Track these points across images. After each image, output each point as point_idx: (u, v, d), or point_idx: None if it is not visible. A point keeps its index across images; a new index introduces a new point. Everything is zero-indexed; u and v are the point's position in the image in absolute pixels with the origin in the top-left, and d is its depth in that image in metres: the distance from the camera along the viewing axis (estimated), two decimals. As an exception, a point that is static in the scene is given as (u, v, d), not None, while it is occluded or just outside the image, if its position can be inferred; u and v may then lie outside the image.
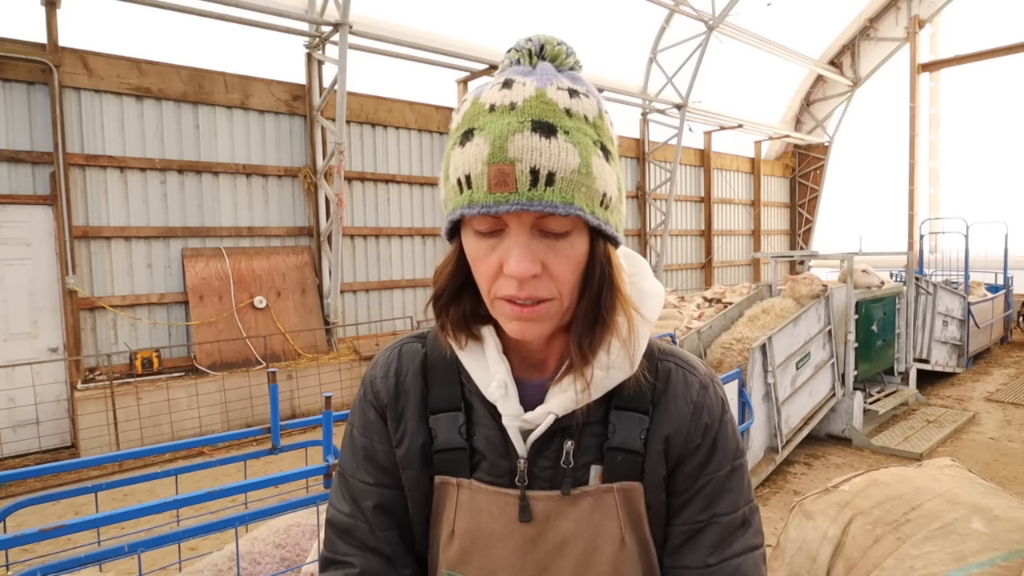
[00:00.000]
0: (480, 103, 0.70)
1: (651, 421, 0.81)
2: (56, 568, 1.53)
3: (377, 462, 0.86)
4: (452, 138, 0.72)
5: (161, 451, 2.64)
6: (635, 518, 0.81)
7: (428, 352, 0.87)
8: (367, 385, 0.89)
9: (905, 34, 14.74)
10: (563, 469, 0.79)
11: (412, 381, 0.86)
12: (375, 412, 0.87)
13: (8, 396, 6.11)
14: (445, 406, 0.83)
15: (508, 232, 0.69)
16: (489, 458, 0.81)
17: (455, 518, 0.81)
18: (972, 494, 2.07)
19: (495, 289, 0.72)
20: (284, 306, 7.91)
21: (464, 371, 0.83)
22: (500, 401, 0.78)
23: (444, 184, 0.73)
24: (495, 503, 0.80)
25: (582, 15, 10.84)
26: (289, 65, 8.17)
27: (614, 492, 0.79)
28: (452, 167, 0.70)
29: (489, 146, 0.66)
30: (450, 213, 0.73)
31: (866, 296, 6.38)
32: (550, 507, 0.79)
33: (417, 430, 0.84)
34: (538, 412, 0.78)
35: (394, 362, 0.88)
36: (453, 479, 0.81)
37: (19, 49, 6.26)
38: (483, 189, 0.67)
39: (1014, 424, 6.44)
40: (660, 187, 13.29)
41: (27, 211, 6.37)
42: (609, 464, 0.80)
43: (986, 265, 12.13)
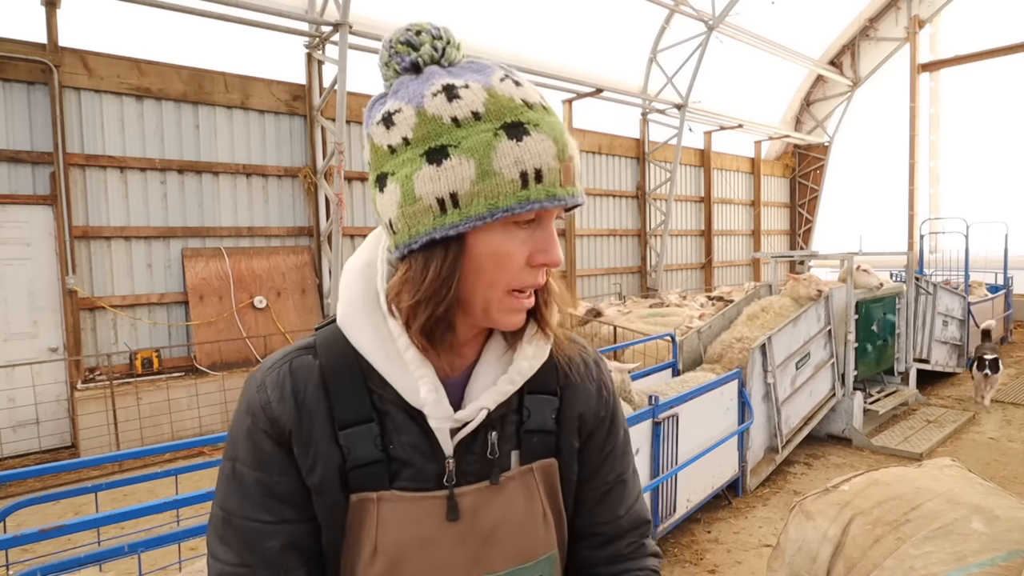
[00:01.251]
0: (506, 96, 0.71)
1: (561, 401, 0.86)
2: (56, 568, 1.53)
3: (278, 496, 0.77)
4: (476, 127, 0.69)
5: (161, 451, 2.64)
6: (551, 492, 0.85)
7: (323, 364, 0.79)
8: (256, 412, 0.78)
9: (905, 34, 14.74)
10: (489, 460, 0.80)
11: (314, 397, 0.78)
12: (271, 441, 0.77)
13: (8, 396, 6.11)
14: (355, 419, 0.77)
15: (542, 225, 0.74)
16: (415, 464, 0.78)
17: (376, 533, 0.77)
18: (972, 494, 2.07)
19: (517, 281, 0.74)
20: (284, 306, 7.91)
21: (375, 378, 0.78)
22: (432, 405, 0.75)
23: (481, 179, 0.69)
24: (421, 509, 0.77)
25: (582, 15, 10.84)
26: (289, 65, 8.18)
27: (534, 471, 0.83)
28: (505, 160, 0.69)
29: (554, 143, 0.71)
30: (511, 208, 0.69)
31: (866, 296, 6.38)
32: (478, 499, 0.79)
33: (329, 451, 0.77)
34: (470, 409, 0.77)
35: (287, 380, 0.78)
36: (373, 494, 0.77)
37: (19, 49, 6.26)
38: (557, 183, 0.71)
39: (1014, 424, 6.44)
40: (660, 187, 13.29)
41: (27, 211, 6.37)
42: (527, 446, 0.83)
43: (986, 265, 12.12)
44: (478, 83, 0.71)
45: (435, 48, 0.74)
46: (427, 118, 0.70)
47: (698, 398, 4.15)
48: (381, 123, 0.74)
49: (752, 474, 4.91)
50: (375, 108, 0.76)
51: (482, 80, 0.72)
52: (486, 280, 0.73)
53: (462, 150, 0.69)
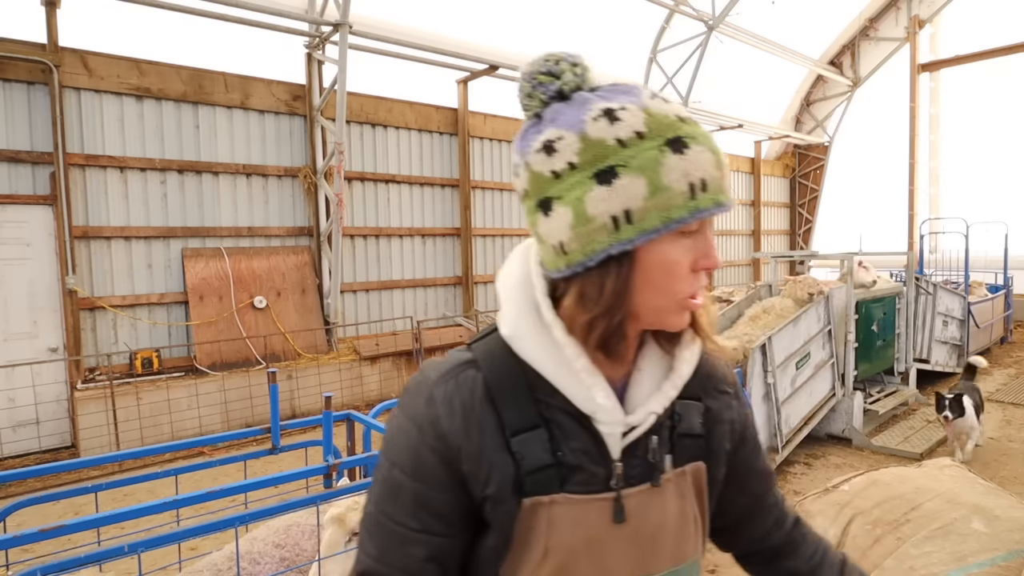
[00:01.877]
0: (661, 113, 0.75)
1: (706, 405, 0.91)
2: (56, 568, 1.53)
3: (431, 509, 0.80)
4: (640, 146, 0.73)
5: (161, 451, 2.65)
6: (700, 495, 0.90)
7: (487, 376, 0.82)
8: (424, 426, 0.80)
9: (905, 34, 14.73)
10: (651, 464, 0.84)
11: (482, 410, 0.80)
12: (436, 457, 0.79)
13: (8, 396, 6.11)
14: (525, 425, 0.80)
15: (702, 232, 0.77)
16: (586, 469, 0.80)
17: (548, 535, 0.79)
18: (972, 494, 2.07)
19: (685, 288, 0.78)
20: (284, 306, 7.91)
21: (542, 387, 0.80)
22: (607, 411, 0.79)
23: (653, 195, 0.72)
24: (590, 511, 0.81)
25: (582, 15, 10.84)
26: (289, 65, 8.18)
27: (687, 474, 0.87)
28: (674, 174, 0.72)
29: (712, 154, 0.74)
30: (682, 218, 0.73)
31: (866, 296, 6.38)
32: (640, 502, 0.83)
33: (503, 460, 0.79)
34: (639, 413, 0.81)
35: (455, 395, 0.80)
36: (545, 498, 0.79)
37: (19, 49, 6.26)
38: (720, 191, 0.75)
39: (1014, 424, 6.44)
40: (660, 187, 13.26)
41: (27, 211, 6.37)
42: (679, 450, 0.87)
43: (986, 265, 12.12)
44: (634, 104, 0.74)
45: (576, 75, 0.78)
46: (591, 142, 0.73)
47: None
48: (541, 151, 0.76)
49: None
50: (530, 137, 0.78)
51: (636, 101, 0.75)
52: (657, 289, 0.77)
53: (631, 168, 0.72)
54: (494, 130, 10.50)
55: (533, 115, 0.79)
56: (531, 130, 0.79)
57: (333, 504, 2.17)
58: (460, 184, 10.01)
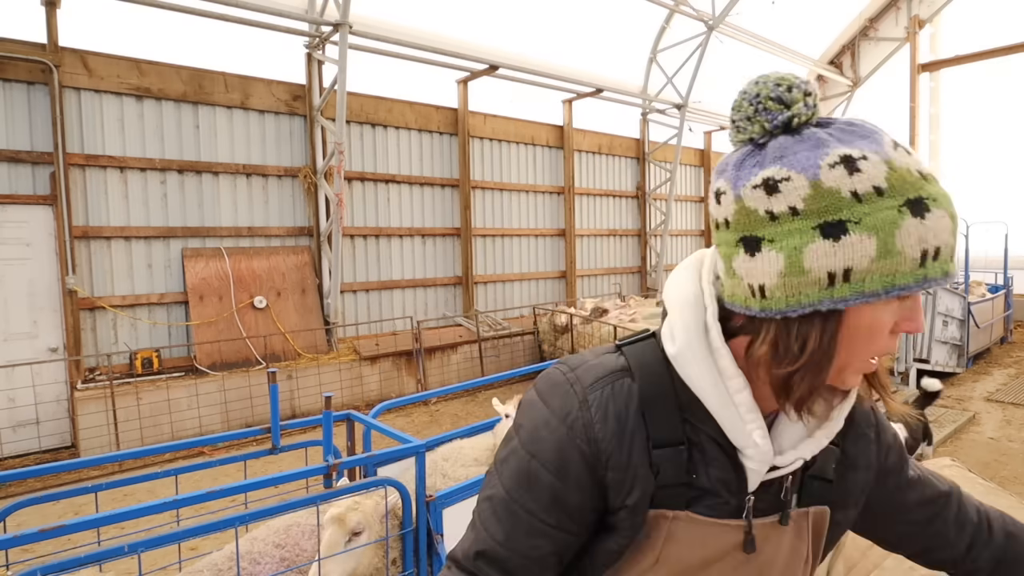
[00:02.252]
0: (905, 168, 0.67)
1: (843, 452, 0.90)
2: (56, 568, 1.53)
3: (564, 506, 0.81)
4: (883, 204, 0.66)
5: (161, 451, 2.64)
6: (817, 538, 0.89)
7: (641, 387, 0.81)
8: (577, 427, 0.80)
9: (905, 34, 14.74)
10: (781, 501, 0.84)
11: (635, 422, 0.80)
12: (582, 459, 0.79)
13: (8, 396, 6.11)
14: (668, 441, 0.80)
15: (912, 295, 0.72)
16: (720, 496, 0.81)
17: (662, 547, 0.81)
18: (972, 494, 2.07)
19: (881, 348, 0.73)
20: (284, 306, 7.91)
21: (695, 409, 0.80)
22: (759, 449, 0.78)
23: (883, 256, 0.66)
24: (714, 534, 0.81)
25: (582, 15, 10.84)
26: (289, 65, 8.18)
27: (808, 516, 0.87)
28: (910, 239, 0.65)
29: (951, 220, 0.67)
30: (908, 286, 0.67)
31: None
32: (763, 535, 0.84)
33: (647, 475, 0.80)
34: (788, 456, 0.81)
35: (609, 402, 0.80)
36: (669, 512, 0.80)
37: (19, 49, 6.26)
38: (950, 260, 0.68)
39: (1014, 424, 6.44)
40: (660, 187, 13.29)
41: (27, 211, 6.37)
42: (807, 490, 0.87)
43: (986, 265, 12.12)
44: (876, 155, 0.67)
45: (807, 106, 0.72)
46: (823, 191, 0.67)
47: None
48: (761, 187, 0.70)
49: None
50: (748, 168, 0.72)
51: (879, 151, 0.68)
52: (856, 349, 0.72)
53: (864, 227, 0.66)
54: (494, 130, 10.50)
55: (748, 140, 0.75)
56: (749, 160, 0.73)
57: (333, 504, 2.17)
58: (460, 184, 10.01)
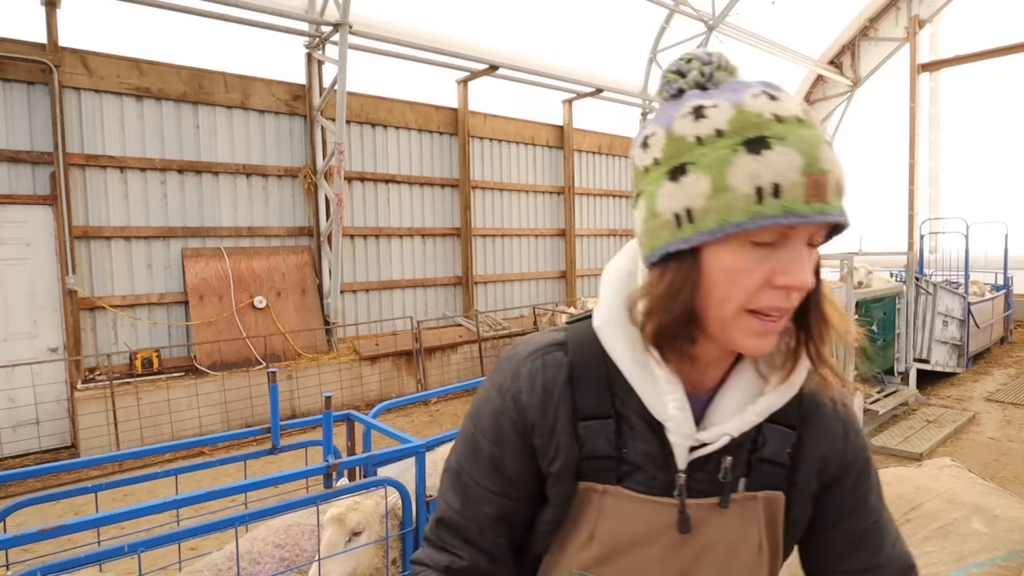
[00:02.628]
0: (754, 111, 0.69)
1: (801, 438, 0.85)
2: (56, 568, 1.53)
3: (503, 474, 0.85)
4: (717, 144, 0.69)
5: (161, 451, 2.64)
6: (772, 525, 0.84)
7: (573, 361, 0.84)
8: (507, 398, 0.84)
9: (905, 34, 14.73)
10: (719, 483, 0.81)
11: (561, 393, 0.83)
12: (513, 427, 0.84)
13: (8, 396, 6.11)
14: (594, 414, 0.82)
15: (787, 243, 0.70)
16: (647, 471, 0.81)
17: (596, 522, 0.82)
18: (972, 494, 2.07)
19: (753, 301, 0.71)
20: (284, 306, 7.91)
21: (619, 383, 0.81)
22: (677, 422, 0.78)
23: (716, 194, 0.68)
24: (646, 511, 0.81)
25: (582, 15, 10.84)
26: (289, 65, 8.17)
27: (758, 500, 0.83)
28: (741, 175, 0.67)
29: (801, 156, 0.67)
30: (741, 223, 0.67)
31: (866, 296, 6.38)
32: (701, 515, 0.81)
33: (571, 443, 0.82)
34: (712, 433, 0.79)
35: (539, 374, 0.84)
36: (599, 486, 0.82)
37: (19, 49, 6.26)
38: (799, 199, 0.67)
39: (1014, 424, 6.44)
40: (660, 187, 13.27)
41: (27, 211, 6.37)
42: (756, 474, 0.83)
43: (986, 265, 12.11)
44: (728, 102, 0.70)
45: (702, 74, 0.75)
46: (673, 138, 0.72)
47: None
48: (640, 146, 0.77)
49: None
50: (640, 132, 0.79)
51: (734, 99, 0.71)
52: (719, 296, 0.72)
53: (699, 167, 0.69)
54: (494, 130, 10.50)
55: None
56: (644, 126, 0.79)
57: (333, 504, 2.17)
58: (460, 184, 10.01)
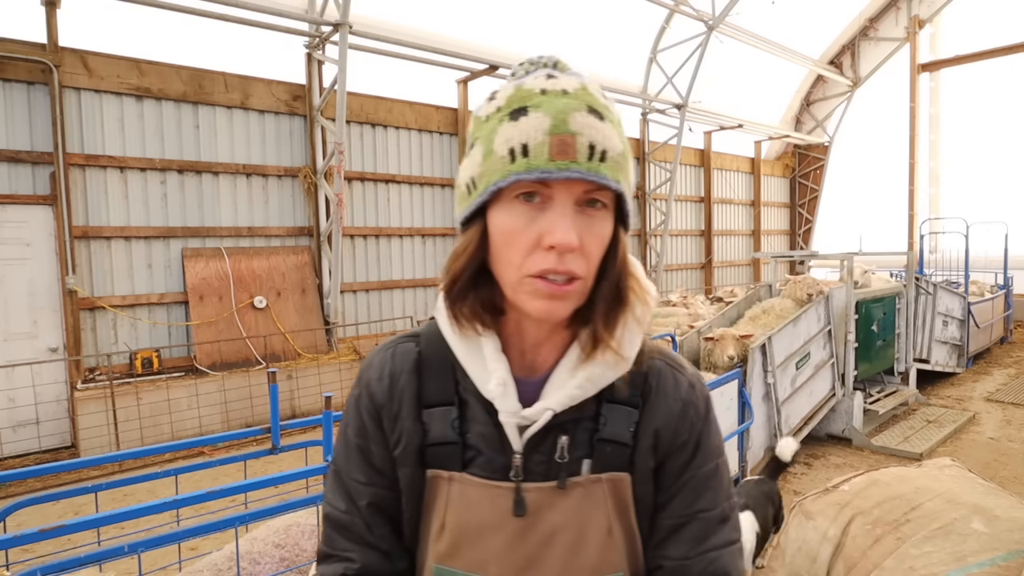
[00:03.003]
0: (528, 88, 0.74)
1: (641, 415, 0.84)
2: (56, 568, 1.53)
3: (371, 463, 0.87)
4: (495, 117, 0.75)
5: (161, 451, 2.64)
6: (622, 508, 0.83)
7: (423, 350, 0.88)
8: (363, 387, 0.89)
9: (905, 34, 14.74)
10: (557, 463, 0.81)
11: (407, 380, 0.86)
12: (369, 415, 0.87)
13: (8, 396, 6.11)
14: (437, 400, 0.84)
15: (552, 204, 0.72)
16: (485, 454, 0.82)
17: (445, 511, 0.82)
18: (972, 494, 2.07)
19: (528, 264, 0.73)
20: (284, 306, 7.90)
21: (460, 368, 0.84)
22: (499, 398, 0.79)
23: (485, 160, 0.74)
24: (487, 496, 0.81)
25: (582, 15, 10.84)
26: (289, 65, 8.17)
27: (603, 482, 0.82)
28: (501, 140, 0.72)
29: (551, 119, 0.70)
30: (496, 183, 0.72)
31: (866, 296, 6.38)
32: (542, 498, 0.80)
33: (414, 428, 0.84)
34: (535, 408, 0.79)
35: (388, 363, 0.88)
36: (445, 473, 0.83)
37: (19, 49, 6.26)
38: (544, 156, 0.70)
39: (1014, 424, 6.44)
40: (660, 187, 13.28)
41: (27, 211, 6.37)
42: (599, 455, 0.82)
43: (986, 265, 12.12)
44: (514, 83, 0.76)
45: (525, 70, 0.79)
46: (476, 121, 0.79)
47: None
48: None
49: (752, 474, 4.91)
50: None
51: (521, 80, 0.76)
52: (502, 259, 0.76)
53: (479, 139, 0.76)
54: (494, 130, 10.49)
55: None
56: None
57: (333, 504, 2.16)
58: (460, 184, 10.00)
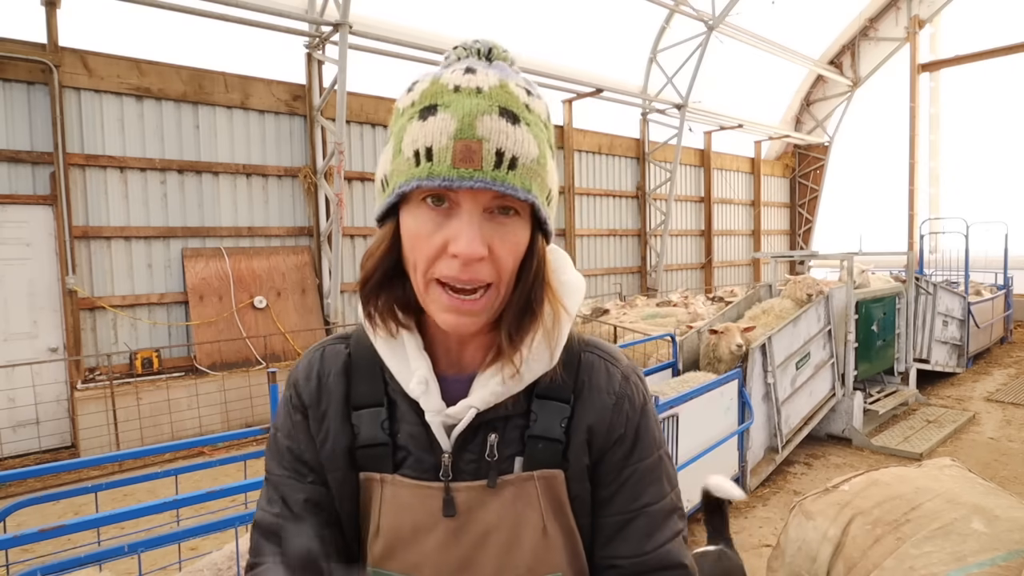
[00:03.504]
0: (442, 83, 0.70)
1: (573, 410, 0.82)
2: (56, 568, 1.53)
3: (304, 461, 0.85)
4: (407, 113, 0.72)
5: (161, 451, 2.64)
6: (557, 506, 0.80)
7: (352, 352, 0.86)
8: (291, 388, 0.87)
9: (905, 34, 14.74)
10: (487, 462, 0.79)
11: (335, 381, 0.84)
12: (299, 414, 0.85)
13: (8, 396, 6.11)
14: (367, 402, 0.83)
15: (459, 211, 0.69)
16: (414, 454, 0.80)
17: (380, 514, 0.81)
18: (972, 494, 2.07)
19: (433, 270, 0.70)
20: (284, 306, 7.90)
21: (387, 368, 0.82)
22: (421, 397, 0.78)
23: (394, 158, 0.71)
24: (418, 497, 0.79)
25: (582, 15, 10.84)
26: (289, 65, 8.17)
27: (535, 480, 0.79)
28: (408, 140, 0.69)
29: (457, 122, 0.67)
30: (401, 186, 0.70)
31: (866, 296, 6.38)
32: (472, 498, 0.78)
33: (341, 429, 0.83)
34: (459, 407, 0.77)
35: (316, 364, 0.87)
36: (377, 475, 0.81)
37: (19, 49, 6.26)
38: (446, 162, 0.66)
39: (1014, 424, 6.44)
40: (660, 187, 13.29)
41: (27, 211, 6.37)
42: (530, 452, 0.80)
43: (986, 265, 12.12)
44: (431, 76, 0.73)
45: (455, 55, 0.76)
46: (394, 111, 0.76)
47: (698, 398, 4.15)
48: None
49: (752, 474, 4.91)
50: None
51: (437, 72, 0.73)
52: (411, 261, 0.73)
53: (391, 136, 0.74)
54: (494, 130, 10.49)
55: None
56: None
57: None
58: (460, 184, 10.00)
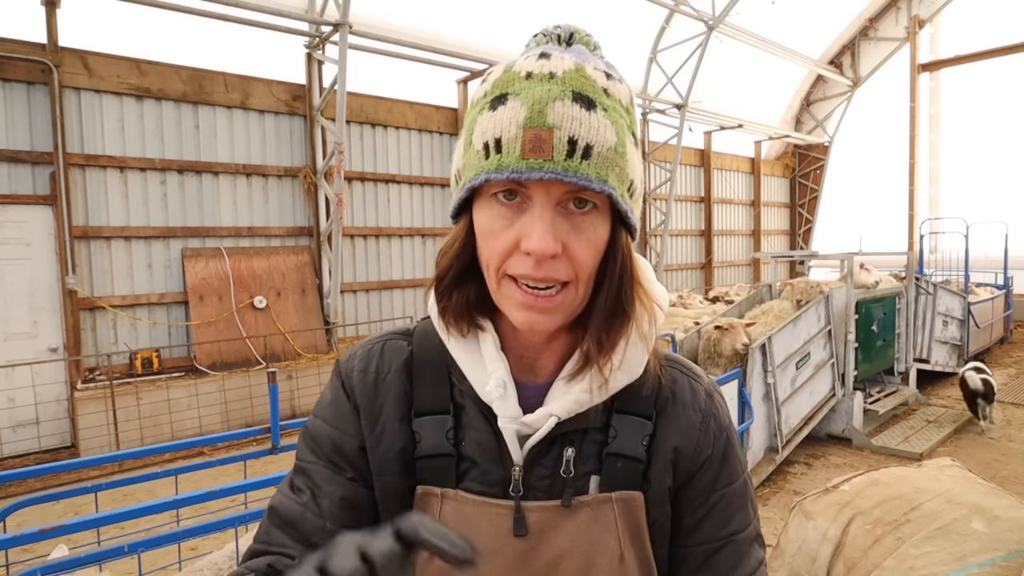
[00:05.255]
0: (515, 70, 0.66)
1: (655, 428, 0.76)
2: (56, 568, 1.53)
3: (346, 454, 0.77)
4: (479, 104, 0.68)
5: (161, 451, 2.65)
6: (635, 532, 0.74)
7: (415, 350, 0.80)
8: (343, 377, 0.81)
9: (905, 34, 14.74)
10: (563, 479, 0.73)
11: (394, 379, 0.78)
12: (349, 405, 0.79)
13: (8, 396, 6.11)
14: (431, 408, 0.76)
15: (530, 205, 0.65)
16: (481, 465, 0.74)
17: None
18: (972, 494, 2.07)
19: (507, 266, 0.66)
20: (284, 306, 7.90)
21: (456, 370, 0.76)
22: (498, 401, 0.72)
23: (465, 151, 0.68)
24: (485, 515, 0.73)
25: (582, 15, 10.83)
26: (289, 65, 8.17)
27: (612, 502, 0.73)
28: (479, 131, 0.65)
29: (526, 110, 0.62)
30: (471, 180, 0.66)
31: (866, 296, 6.38)
32: (545, 519, 0.72)
33: (397, 433, 0.76)
34: (538, 415, 0.71)
35: (376, 357, 0.80)
36: (437, 489, 0.74)
37: (19, 49, 6.26)
38: (515, 154, 0.62)
39: (1014, 424, 6.44)
40: (660, 187, 13.29)
41: (27, 211, 6.36)
42: (608, 471, 0.74)
43: (986, 265, 12.11)
44: (504, 64, 0.69)
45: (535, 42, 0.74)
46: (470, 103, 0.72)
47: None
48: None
49: (752, 474, 4.91)
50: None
51: (513, 61, 0.69)
52: (484, 258, 0.69)
53: (465, 127, 0.70)
54: (494, 130, 10.49)
55: None
56: None
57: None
58: (460, 184, 10.00)
